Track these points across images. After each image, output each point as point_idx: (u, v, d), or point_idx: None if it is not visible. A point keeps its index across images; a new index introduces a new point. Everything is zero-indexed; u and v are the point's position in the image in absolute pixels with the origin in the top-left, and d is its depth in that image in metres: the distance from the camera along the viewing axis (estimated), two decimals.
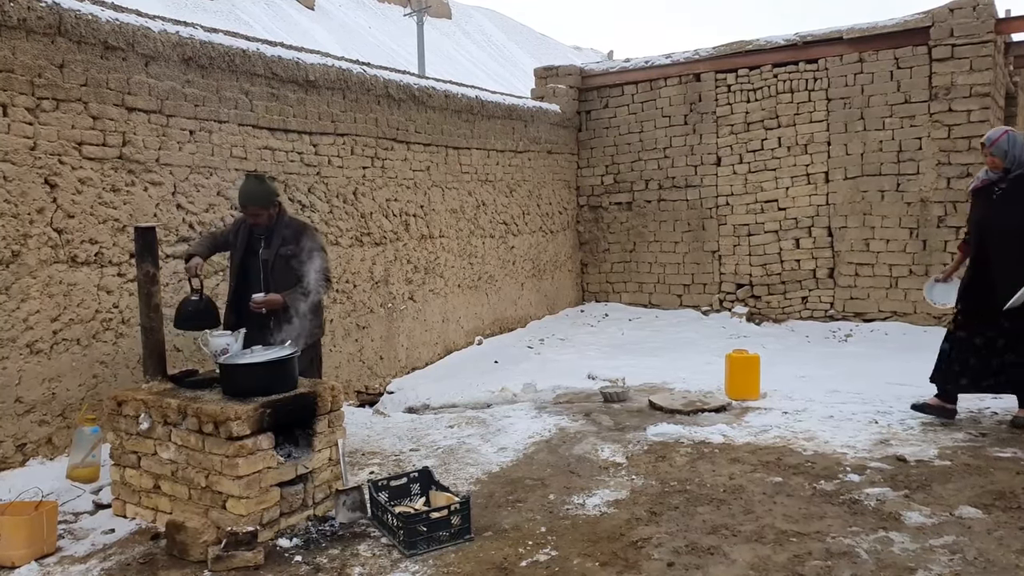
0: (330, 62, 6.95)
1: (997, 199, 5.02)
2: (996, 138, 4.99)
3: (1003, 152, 4.95)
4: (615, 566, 3.46)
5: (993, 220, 5.03)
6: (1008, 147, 4.94)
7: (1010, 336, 5.09)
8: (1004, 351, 5.14)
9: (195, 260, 4.76)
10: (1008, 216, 4.94)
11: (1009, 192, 4.97)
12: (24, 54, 4.65)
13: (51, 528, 3.76)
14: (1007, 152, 4.95)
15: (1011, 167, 4.97)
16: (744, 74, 9.99)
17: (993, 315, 5.03)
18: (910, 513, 3.91)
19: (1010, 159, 4.96)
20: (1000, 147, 4.95)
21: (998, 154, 4.97)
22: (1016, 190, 4.94)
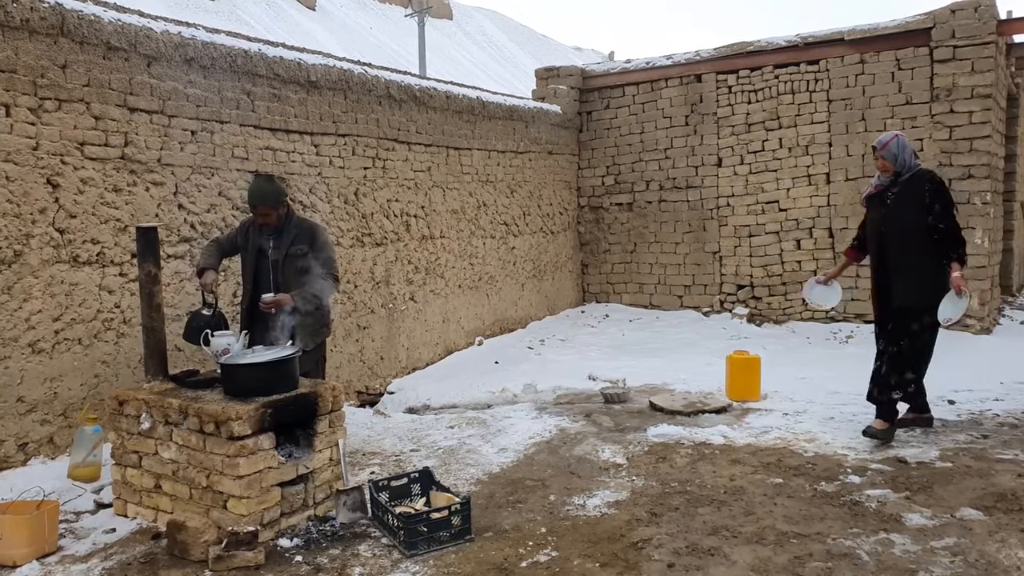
0: (331, 63, 6.96)
1: (891, 202, 5.04)
2: (887, 142, 5.01)
3: (893, 156, 4.98)
4: (615, 567, 3.46)
5: (889, 223, 5.05)
6: (898, 151, 4.96)
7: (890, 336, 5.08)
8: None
9: (210, 275, 4.72)
10: (902, 217, 4.97)
11: (901, 195, 5.00)
12: (27, 54, 4.66)
13: (52, 527, 3.76)
14: (897, 156, 4.97)
15: (901, 171, 5.00)
16: (745, 75, 9.99)
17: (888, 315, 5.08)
18: (911, 515, 3.91)
19: (899, 163, 4.98)
20: (890, 151, 4.98)
21: (888, 158, 4.99)
22: (907, 192, 4.97)
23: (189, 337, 4.65)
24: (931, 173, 5.04)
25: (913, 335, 5.00)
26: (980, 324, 8.68)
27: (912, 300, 4.94)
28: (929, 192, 4.91)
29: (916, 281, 4.92)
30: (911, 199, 4.95)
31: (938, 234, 4.89)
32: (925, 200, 4.90)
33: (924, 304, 4.91)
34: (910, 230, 4.93)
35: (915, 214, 4.92)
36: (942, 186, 4.98)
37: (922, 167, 5.09)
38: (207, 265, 4.75)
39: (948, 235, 4.89)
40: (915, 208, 4.92)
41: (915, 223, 4.92)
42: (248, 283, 4.89)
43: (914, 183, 4.97)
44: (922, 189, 4.93)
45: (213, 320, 4.58)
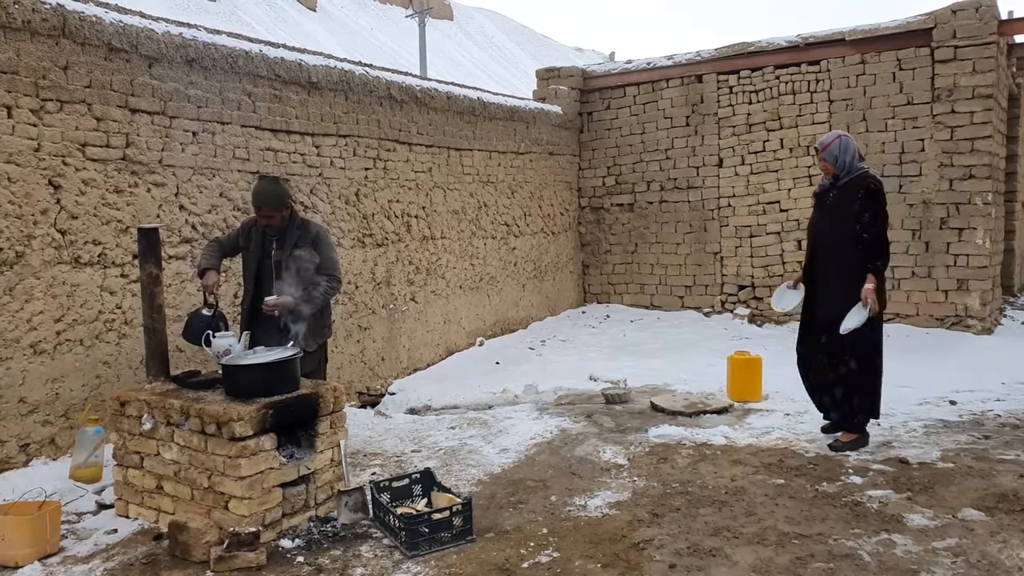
0: (332, 63, 6.96)
1: (828, 205, 4.91)
2: (828, 143, 4.85)
3: (834, 158, 4.82)
4: (617, 568, 3.46)
5: (821, 226, 4.94)
6: (839, 153, 4.80)
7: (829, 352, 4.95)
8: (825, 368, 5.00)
9: (212, 276, 4.70)
10: (834, 222, 4.82)
11: (837, 199, 4.85)
12: (28, 56, 4.66)
13: (54, 528, 3.77)
14: (838, 158, 4.81)
15: (840, 173, 4.84)
16: (746, 75, 9.99)
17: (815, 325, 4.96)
18: (913, 515, 3.91)
19: (840, 165, 4.82)
20: (831, 152, 4.82)
21: (829, 159, 4.84)
22: (844, 196, 4.81)
23: (189, 337, 4.65)
24: (869, 179, 4.81)
25: (853, 350, 4.83)
26: (981, 324, 8.68)
27: (834, 313, 4.77)
28: (861, 199, 4.73)
29: (841, 293, 4.74)
30: (845, 205, 4.78)
31: (862, 243, 4.71)
32: (856, 207, 4.72)
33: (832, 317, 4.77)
34: (840, 237, 4.76)
35: (846, 221, 4.74)
36: (876, 193, 4.75)
37: (864, 171, 4.87)
38: (208, 265, 4.75)
39: (871, 245, 4.70)
40: (847, 215, 4.74)
41: (845, 230, 4.74)
42: (250, 284, 4.88)
43: (851, 188, 4.79)
44: (856, 195, 4.75)
45: (214, 320, 4.58)
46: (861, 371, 4.85)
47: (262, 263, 4.83)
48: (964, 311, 8.75)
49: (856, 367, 4.84)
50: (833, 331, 4.78)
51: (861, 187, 4.75)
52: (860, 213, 4.70)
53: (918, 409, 5.98)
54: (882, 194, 4.78)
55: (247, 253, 4.92)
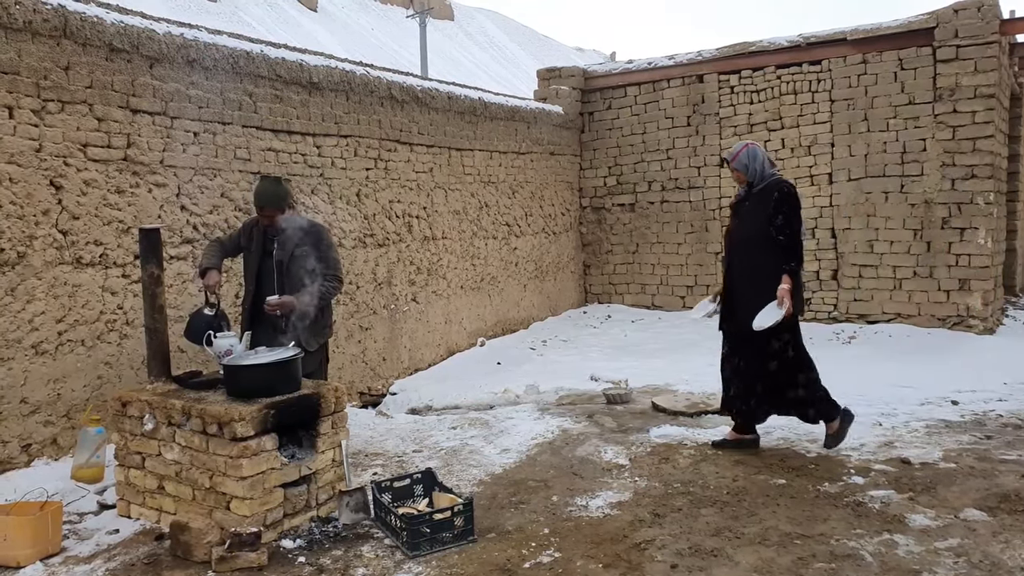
0: (333, 64, 6.97)
1: (743, 213, 4.89)
2: (737, 152, 4.83)
3: (744, 167, 4.80)
4: (618, 568, 3.45)
5: (737, 234, 4.90)
6: (748, 161, 4.78)
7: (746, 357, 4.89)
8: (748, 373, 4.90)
9: (213, 275, 4.70)
10: (749, 228, 4.79)
11: (752, 206, 4.82)
12: (30, 56, 4.66)
13: (56, 528, 3.77)
14: (748, 167, 4.79)
15: (754, 181, 4.82)
16: (747, 75, 9.99)
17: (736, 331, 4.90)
18: (915, 516, 3.90)
19: (751, 173, 4.81)
20: (741, 161, 4.80)
21: (741, 168, 4.82)
22: (757, 204, 4.78)
23: (190, 336, 4.65)
24: (782, 183, 4.78)
25: (775, 354, 4.78)
26: (983, 324, 8.67)
27: (753, 319, 4.72)
28: (775, 202, 4.68)
29: (758, 298, 4.70)
30: (759, 210, 4.74)
31: (778, 245, 4.68)
32: (770, 210, 4.69)
33: (780, 321, 4.70)
34: (755, 243, 4.73)
35: (761, 227, 4.71)
36: (789, 196, 4.72)
37: (777, 177, 4.84)
38: (210, 265, 4.75)
39: (785, 247, 4.66)
40: (762, 219, 4.71)
41: (761, 236, 4.71)
42: (251, 284, 4.88)
43: (765, 194, 4.76)
44: (768, 202, 4.71)
45: (215, 320, 4.58)
46: (795, 370, 4.80)
47: (263, 263, 4.83)
48: (966, 311, 8.74)
49: (788, 367, 4.80)
50: (754, 337, 4.76)
51: (774, 191, 4.72)
52: (774, 216, 4.67)
53: (920, 409, 5.97)
54: (795, 197, 4.74)
55: (248, 253, 4.92)
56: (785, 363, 4.81)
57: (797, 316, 4.84)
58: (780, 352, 4.79)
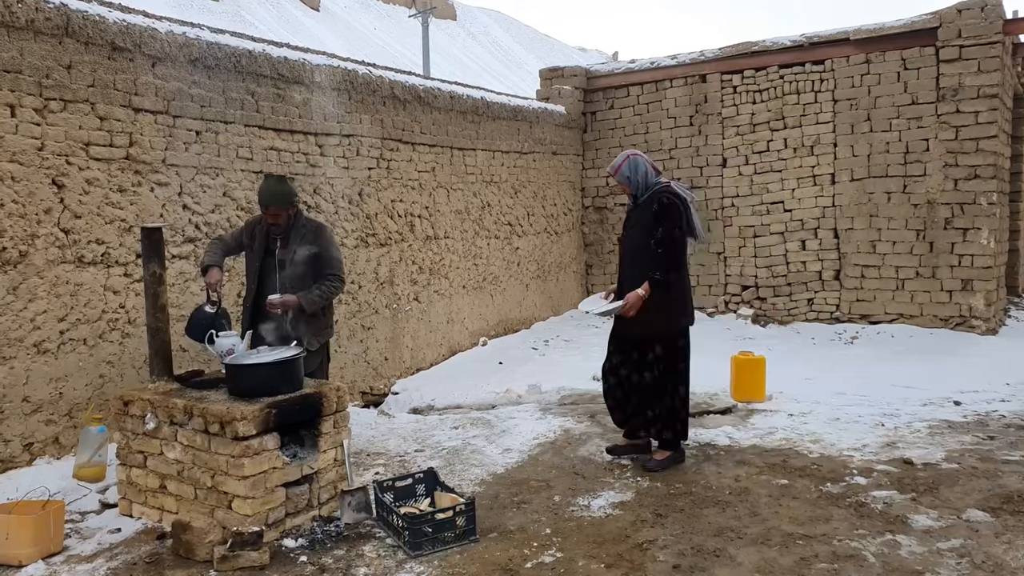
0: (335, 63, 6.96)
1: (631, 221, 4.83)
2: (618, 165, 4.75)
3: (626, 179, 4.73)
4: (620, 568, 3.45)
5: (627, 243, 4.83)
6: (630, 173, 4.71)
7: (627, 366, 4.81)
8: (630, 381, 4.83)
9: (215, 274, 4.68)
10: (635, 237, 4.73)
11: (637, 217, 4.76)
12: (32, 55, 4.66)
13: (58, 527, 3.77)
14: (630, 178, 4.72)
15: (637, 192, 4.76)
16: (750, 75, 9.97)
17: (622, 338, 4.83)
18: (917, 516, 3.90)
19: (634, 184, 4.74)
20: (623, 174, 4.73)
21: (622, 181, 4.75)
22: (643, 212, 4.72)
23: (190, 332, 4.65)
24: (663, 193, 4.66)
25: (646, 366, 4.73)
26: (986, 325, 8.66)
27: (635, 332, 4.69)
28: (654, 214, 4.61)
29: (648, 309, 4.64)
30: (644, 220, 4.69)
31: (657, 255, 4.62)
32: (652, 221, 4.63)
33: (648, 336, 4.68)
34: (640, 252, 4.67)
35: (644, 237, 4.65)
36: (668, 207, 4.61)
37: (661, 186, 4.73)
38: (212, 263, 4.74)
39: (660, 258, 4.57)
40: (645, 231, 4.65)
41: (643, 247, 4.65)
42: (253, 283, 4.88)
43: (647, 205, 4.70)
44: (650, 211, 4.63)
45: (216, 317, 4.57)
46: (662, 386, 4.73)
47: (265, 262, 4.82)
48: (968, 311, 8.73)
49: (655, 382, 4.73)
50: (638, 345, 4.72)
51: (654, 202, 4.65)
52: (654, 227, 4.61)
53: (922, 410, 5.97)
54: (675, 207, 4.62)
55: (251, 252, 4.92)
56: (652, 378, 4.72)
57: (679, 332, 4.73)
58: (650, 365, 4.71)
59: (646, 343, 4.70)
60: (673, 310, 4.70)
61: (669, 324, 4.70)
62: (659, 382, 4.72)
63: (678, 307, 4.73)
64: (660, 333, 4.68)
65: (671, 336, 4.72)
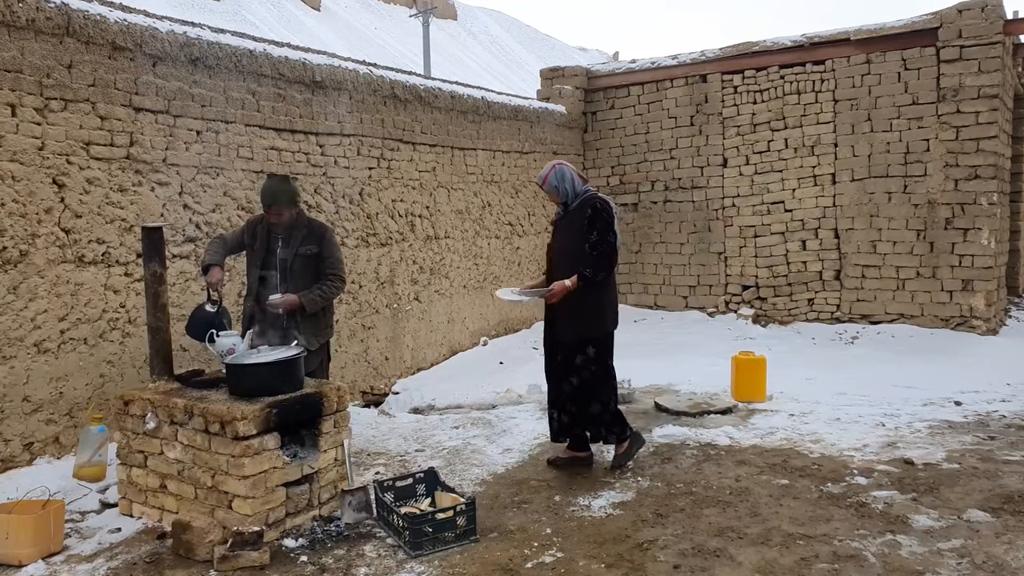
0: (336, 63, 6.96)
1: (560, 229, 4.83)
2: (546, 175, 4.79)
3: (554, 188, 4.75)
4: (621, 568, 3.45)
5: (554, 249, 4.84)
6: (558, 183, 4.74)
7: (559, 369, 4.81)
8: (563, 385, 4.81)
9: (216, 273, 4.68)
10: (565, 244, 4.73)
11: (567, 225, 4.77)
12: (32, 54, 4.66)
13: (58, 527, 3.77)
14: (558, 187, 4.74)
15: (567, 200, 4.77)
16: (751, 75, 9.97)
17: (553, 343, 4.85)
18: (918, 516, 3.89)
19: (563, 193, 4.76)
20: (551, 184, 4.76)
21: (551, 191, 4.78)
22: (572, 222, 4.72)
23: (190, 331, 4.65)
24: (594, 199, 4.71)
25: (578, 369, 4.71)
26: (987, 325, 8.65)
27: (568, 335, 4.71)
28: (588, 219, 4.63)
29: (571, 315, 4.67)
30: (574, 228, 4.70)
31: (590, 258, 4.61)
32: (584, 226, 4.66)
33: (581, 338, 4.68)
34: (570, 258, 4.65)
35: (576, 244, 4.67)
36: (601, 212, 4.65)
37: (590, 193, 4.77)
38: (213, 262, 4.74)
39: (595, 258, 4.58)
40: (577, 238, 4.67)
41: (576, 251, 4.66)
42: (254, 282, 4.88)
43: (579, 211, 4.71)
44: (583, 216, 4.65)
45: (217, 316, 4.57)
46: (592, 389, 4.72)
47: (267, 261, 4.82)
48: (969, 312, 8.72)
49: (592, 382, 4.72)
50: (566, 351, 4.74)
51: (588, 207, 4.67)
52: (588, 231, 4.63)
53: (923, 410, 5.97)
54: (608, 212, 4.66)
55: (252, 251, 4.91)
56: (586, 380, 4.72)
57: (607, 332, 4.74)
58: (583, 367, 4.71)
59: (581, 345, 4.70)
60: (605, 312, 4.72)
61: (602, 325, 4.72)
62: (591, 383, 4.72)
63: (609, 309, 4.74)
64: (593, 335, 4.69)
65: (602, 338, 4.74)
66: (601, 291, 4.69)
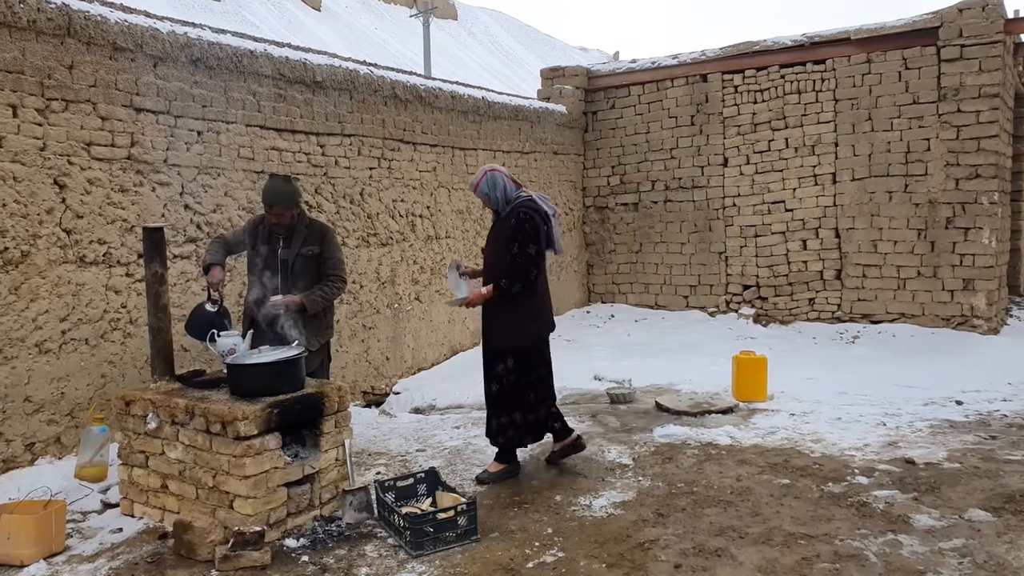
0: (337, 63, 6.96)
1: (493, 237, 4.77)
2: (477, 183, 4.69)
3: (486, 195, 4.68)
4: (622, 568, 3.45)
5: (487, 257, 4.77)
6: (489, 190, 4.66)
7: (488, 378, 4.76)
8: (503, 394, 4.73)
9: (217, 273, 4.68)
10: (494, 251, 4.69)
11: (498, 232, 4.71)
12: (34, 55, 4.67)
13: (59, 527, 3.77)
14: (489, 195, 4.67)
15: (498, 207, 4.71)
16: (751, 75, 9.97)
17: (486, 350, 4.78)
18: (919, 516, 3.89)
19: (494, 200, 4.69)
20: (482, 191, 4.67)
21: (482, 198, 4.71)
22: (502, 229, 4.67)
23: (189, 330, 4.65)
24: (519, 209, 4.63)
25: (498, 377, 4.68)
26: (988, 324, 8.65)
27: (496, 342, 4.67)
28: (511, 229, 4.59)
29: (491, 324, 4.66)
30: (503, 235, 4.65)
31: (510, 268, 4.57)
32: (507, 236, 4.59)
33: (498, 348, 4.66)
34: (498, 266, 4.60)
35: (502, 251, 4.62)
36: (522, 223, 4.58)
37: (521, 200, 4.67)
38: (214, 262, 4.74)
39: (513, 270, 4.54)
40: (504, 245, 4.62)
41: (501, 258, 4.61)
42: (255, 282, 4.88)
43: (508, 219, 4.65)
44: (509, 225, 4.61)
45: (217, 316, 4.57)
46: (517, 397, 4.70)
47: (268, 261, 4.82)
48: (970, 311, 8.72)
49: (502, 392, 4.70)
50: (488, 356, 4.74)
51: (512, 218, 4.63)
52: (510, 243, 4.59)
53: (924, 409, 5.96)
54: (531, 222, 4.59)
55: (253, 251, 4.91)
56: (505, 388, 4.69)
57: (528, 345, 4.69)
58: (503, 376, 4.68)
59: (500, 355, 4.67)
60: (526, 324, 4.67)
61: (520, 337, 4.67)
62: (511, 392, 4.68)
63: (527, 319, 4.68)
64: (511, 346, 4.66)
65: (524, 348, 4.69)
66: (520, 303, 4.62)
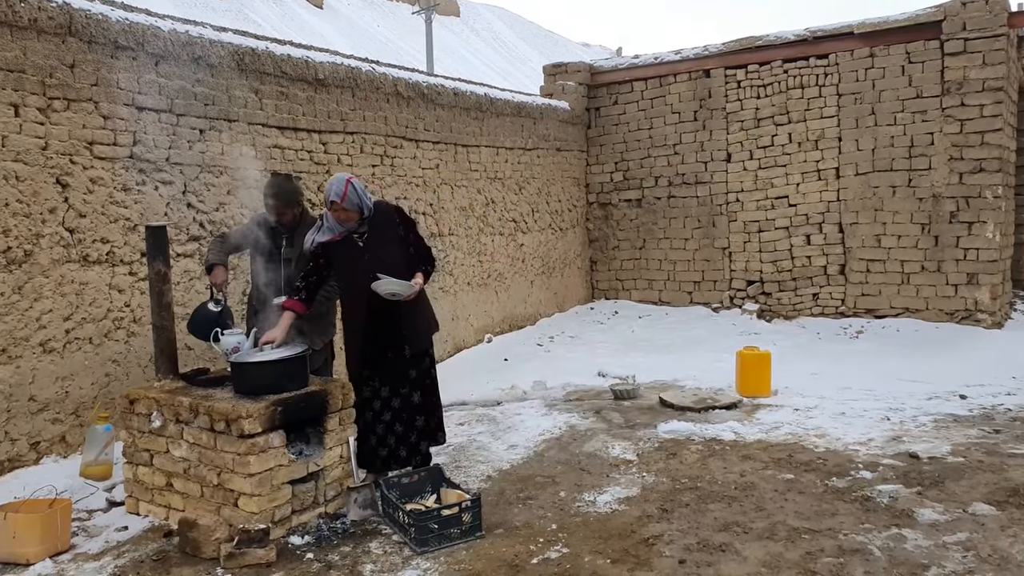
0: (339, 60, 6.96)
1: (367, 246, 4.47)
2: (344, 193, 4.36)
3: (356, 205, 4.42)
4: (626, 563, 3.45)
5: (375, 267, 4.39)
6: (359, 198, 4.44)
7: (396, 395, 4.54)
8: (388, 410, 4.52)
9: (220, 272, 4.68)
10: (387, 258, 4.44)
11: (375, 236, 4.49)
12: (35, 54, 4.67)
13: (65, 525, 3.78)
14: (360, 203, 4.45)
15: (366, 213, 4.49)
16: (754, 70, 9.94)
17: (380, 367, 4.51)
18: (923, 510, 3.89)
19: (365, 207, 4.48)
20: (351, 201, 4.39)
21: (352, 208, 4.40)
22: (380, 232, 4.50)
23: (192, 329, 4.66)
24: (391, 206, 4.65)
25: (415, 381, 4.53)
26: (992, 318, 8.63)
27: (419, 343, 4.52)
28: (401, 226, 4.52)
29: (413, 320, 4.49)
30: (387, 238, 4.52)
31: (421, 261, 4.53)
32: (400, 234, 4.51)
33: (427, 345, 4.59)
34: (398, 271, 4.42)
35: (397, 252, 4.51)
36: (407, 215, 4.67)
37: (382, 201, 4.70)
38: (216, 261, 4.75)
39: (423, 257, 4.54)
40: (395, 246, 4.51)
41: (399, 261, 4.48)
42: (258, 281, 4.88)
43: (383, 221, 4.53)
44: (393, 224, 4.51)
45: (219, 316, 4.58)
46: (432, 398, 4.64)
47: (271, 260, 4.82)
48: (974, 305, 8.70)
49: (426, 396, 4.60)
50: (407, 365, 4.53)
51: (393, 215, 4.56)
52: (406, 238, 4.53)
53: (928, 403, 5.96)
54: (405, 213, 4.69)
55: (255, 250, 4.92)
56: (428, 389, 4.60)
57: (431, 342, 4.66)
58: (425, 375, 4.58)
59: (415, 362, 4.54)
60: (432, 318, 4.67)
61: (431, 332, 4.65)
62: (434, 391, 4.65)
63: (431, 314, 4.68)
64: (430, 343, 4.63)
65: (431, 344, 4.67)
66: (426, 298, 4.61)
